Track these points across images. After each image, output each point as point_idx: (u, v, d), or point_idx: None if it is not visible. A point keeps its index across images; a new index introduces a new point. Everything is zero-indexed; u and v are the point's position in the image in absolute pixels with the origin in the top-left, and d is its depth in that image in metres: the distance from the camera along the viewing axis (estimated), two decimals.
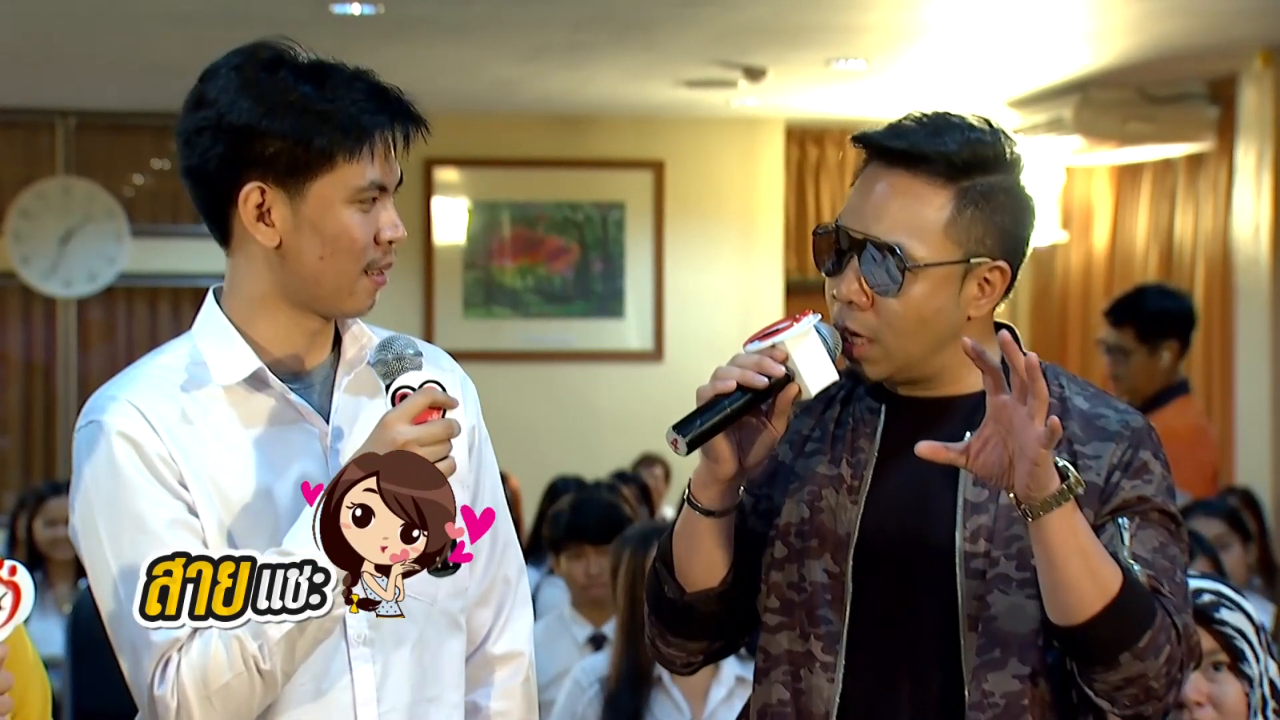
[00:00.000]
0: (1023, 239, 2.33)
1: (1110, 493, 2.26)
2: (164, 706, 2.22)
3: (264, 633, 2.17)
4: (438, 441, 2.16)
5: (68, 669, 5.61)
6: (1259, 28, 7.60)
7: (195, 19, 7.17)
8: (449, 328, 9.65)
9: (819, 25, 7.52)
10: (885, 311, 2.28)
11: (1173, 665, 2.17)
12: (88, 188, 9.54)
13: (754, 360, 2.25)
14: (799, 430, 2.40)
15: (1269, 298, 8.01)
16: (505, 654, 2.48)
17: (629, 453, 9.08)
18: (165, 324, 9.63)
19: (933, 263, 2.26)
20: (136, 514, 2.24)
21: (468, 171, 9.95)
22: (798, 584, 2.33)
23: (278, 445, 2.30)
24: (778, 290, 10.19)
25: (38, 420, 9.74)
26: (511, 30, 7.68)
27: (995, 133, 2.32)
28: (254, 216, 2.27)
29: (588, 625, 5.04)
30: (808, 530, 2.33)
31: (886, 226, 2.27)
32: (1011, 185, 2.31)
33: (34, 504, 6.44)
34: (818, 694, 2.30)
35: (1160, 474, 2.29)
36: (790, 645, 2.33)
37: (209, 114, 2.27)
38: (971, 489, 2.27)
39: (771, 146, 10.16)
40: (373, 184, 2.26)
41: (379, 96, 2.27)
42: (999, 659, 2.22)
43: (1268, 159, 8.03)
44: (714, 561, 2.34)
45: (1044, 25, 7.51)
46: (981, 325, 2.33)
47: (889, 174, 2.30)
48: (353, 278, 2.29)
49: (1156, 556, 2.23)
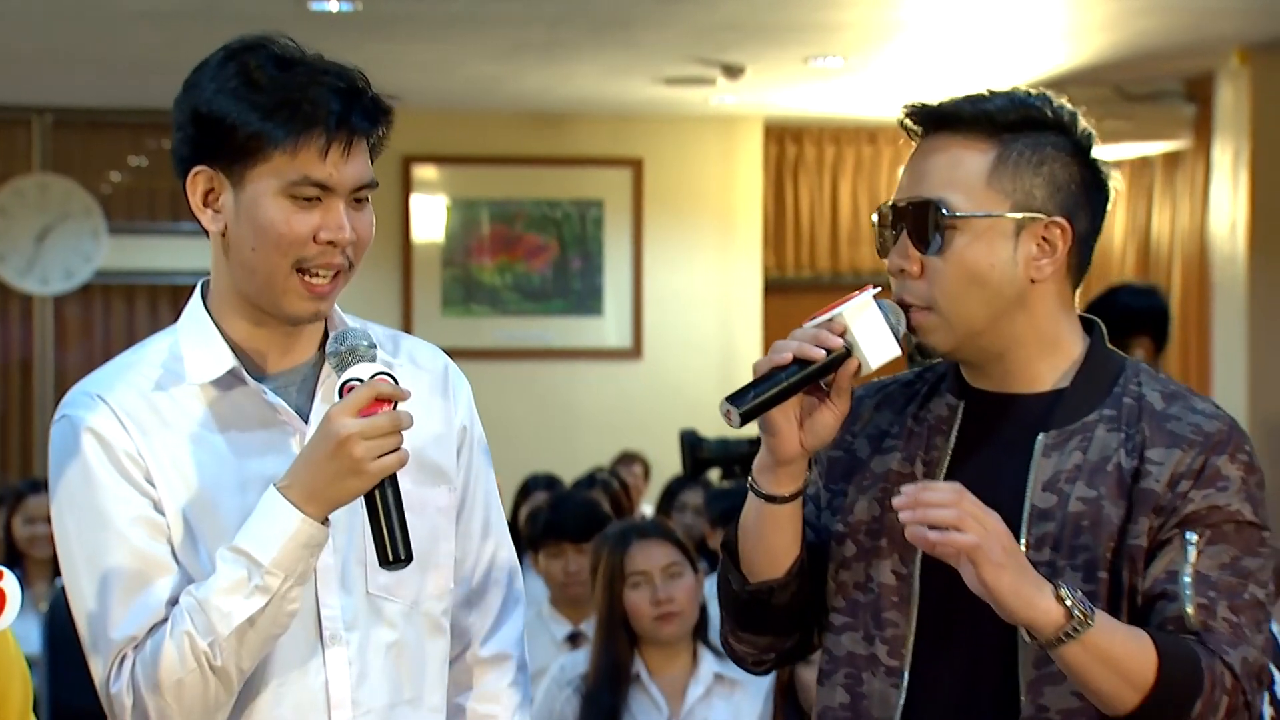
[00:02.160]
0: (1084, 200, 2.25)
1: (1175, 504, 2.15)
2: (120, 704, 2.22)
3: (214, 629, 2.16)
4: (383, 434, 2.12)
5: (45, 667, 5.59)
6: (1235, 26, 7.62)
7: (173, 16, 7.15)
8: (428, 326, 9.64)
9: (797, 23, 7.52)
10: (934, 273, 2.19)
11: (1235, 715, 2.09)
12: (65, 185, 9.51)
13: (811, 333, 2.17)
14: (879, 426, 2.33)
15: (1245, 294, 8.03)
16: (493, 656, 2.46)
17: (608, 450, 9.09)
18: (143, 321, 9.61)
19: (976, 214, 2.19)
20: (101, 510, 2.23)
21: (446, 169, 9.94)
22: (864, 584, 2.26)
23: (251, 445, 2.28)
24: (756, 288, 10.20)
25: (15, 418, 9.71)
26: (490, 27, 7.67)
27: (1047, 98, 2.26)
28: (201, 201, 2.26)
29: (566, 623, 5.04)
30: (878, 529, 2.26)
31: (928, 185, 2.21)
32: (1067, 145, 2.25)
33: (12, 501, 6.43)
34: (880, 700, 2.23)
35: (1239, 480, 2.15)
36: (853, 647, 2.26)
37: (184, 98, 2.26)
38: (1040, 494, 2.18)
39: (750, 144, 10.17)
40: (307, 180, 2.20)
41: (339, 94, 2.22)
42: (1057, 672, 2.13)
43: (1244, 157, 8.05)
44: (778, 551, 2.26)
45: (1021, 23, 7.52)
46: (1055, 293, 2.25)
47: (931, 140, 2.25)
48: (283, 274, 2.23)
49: (1223, 574, 2.12)
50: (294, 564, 2.16)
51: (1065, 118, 2.26)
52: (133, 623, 2.21)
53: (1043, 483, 2.19)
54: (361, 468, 2.13)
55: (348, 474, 2.14)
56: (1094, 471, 2.17)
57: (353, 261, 2.26)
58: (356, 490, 2.16)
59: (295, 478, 2.17)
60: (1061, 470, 2.18)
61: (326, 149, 2.20)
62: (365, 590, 2.31)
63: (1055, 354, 2.25)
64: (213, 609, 2.16)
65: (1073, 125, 2.27)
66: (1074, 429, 2.20)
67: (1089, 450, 2.19)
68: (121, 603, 2.22)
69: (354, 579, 2.30)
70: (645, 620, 4.16)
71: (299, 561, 2.17)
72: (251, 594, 2.16)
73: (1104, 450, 2.18)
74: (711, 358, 9.91)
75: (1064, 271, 2.26)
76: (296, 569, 2.17)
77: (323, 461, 2.14)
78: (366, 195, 2.27)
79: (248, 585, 2.15)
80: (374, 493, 2.16)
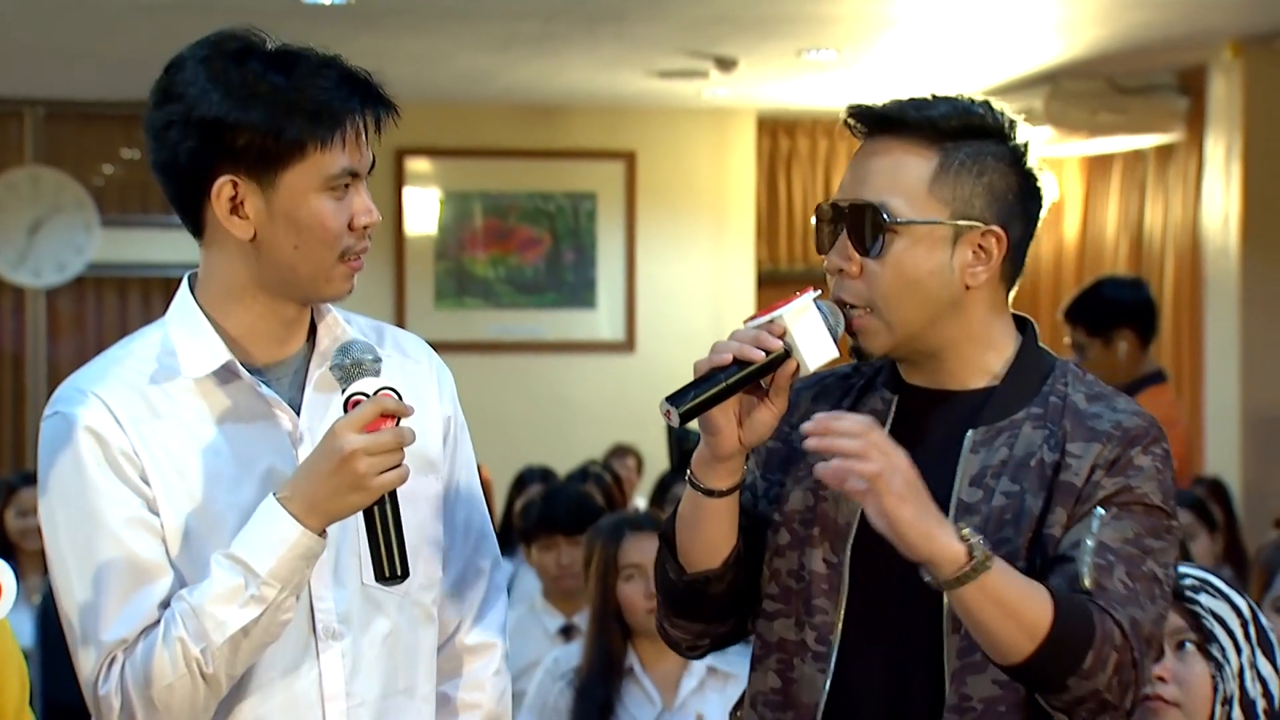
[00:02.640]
0: (1019, 208, 2.29)
1: (1090, 492, 2.21)
2: (107, 706, 2.22)
3: (207, 636, 2.16)
4: (386, 451, 2.14)
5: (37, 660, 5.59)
6: (1228, 18, 7.63)
7: (165, 8, 7.14)
8: (421, 318, 9.64)
9: (790, 16, 7.52)
10: (872, 276, 2.25)
11: (1123, 672, 2.13)
12: (57, 177, 9.49)
13: (751, 334, 2.22)
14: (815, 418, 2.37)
15: (1238, 287, 8.04)
16: (477, 645, 2.46)
17: (601, 443, 9.08)
18: (135, 314, 9.60)
19: (915, 220, 2.24)
20: (95, 511, 2.23)
21: (439, 162, 9.93)
22: (797, 572, 2.31)
23: (246, 439, 2.28)
24: (749, 280, 10.20)
25: (7, 411, 9.70)
26: (483, 20, 7.67)
27: (989, 106, 2.30)
28: (228, 210, 2.25)
29: (559, 616, 5.04)
30: (811, 518, 2.31)
31: (870, 188, 2.26)
32: (1006, 154, 2.29)
33: (5, 494, 6.42)
34: (808, 684, 2.28)
35: (1153, 469, 2.22)
36: (785, 633, 2.31)
37: (177, 108, 2.24)
38: (966, 489, 2.24)
39: (743, 137, 10.17)
40: (344, 171, 2.24)
41: (348, 82, 2.25)
42: (980, 662, 2.20)
43: (1237, 149, 8.06)
44: (715, 542, 2.31)
45: (1014, 16, 7.52)
46: (988, 298, 2.30)
47: (875, 142, 2.30)
48: (329, 265, 2.27)
49: (1125, 546, 2.19)
50: (290, 575, 2.17)
51: (1005, 126, 2.31)
52: (124, 625, 2.21)
53: (970, 478, 2.25)
54: (364, 483, 2.14)
55: (350, 489, 2.15)
56: (1019, 467, 2.24)
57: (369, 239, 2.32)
58: (357, 505, 2.17)
59: (296, 489, 2.17)
60: (988, 466, 2.24)
61: (355, 138, 2.25)
62: (359, 583, 2.31)
63: (987, 354, 2.31)
64: (207, 616, 2.16)
65: (1012, 133, 2.32)
66: (1002, 426, 2.26)
67: (1015, 447, 2.25)
68: (113, 604, 2.21)
69: (348, 571, 2.31)
70: (639, 613, 4.16)
71: (295, 573, 2.17)
72: (247, 603, 2.16)
73: (1029, 447, 2.24)
74: (705, 350, 9.88)
75: (998, 277, 2.31)
76: (293, 580, 2.17)
77: (326, 475, 2.15)
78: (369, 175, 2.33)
79: (244, 594, 2.16)
80: (374, 508, 2.17)
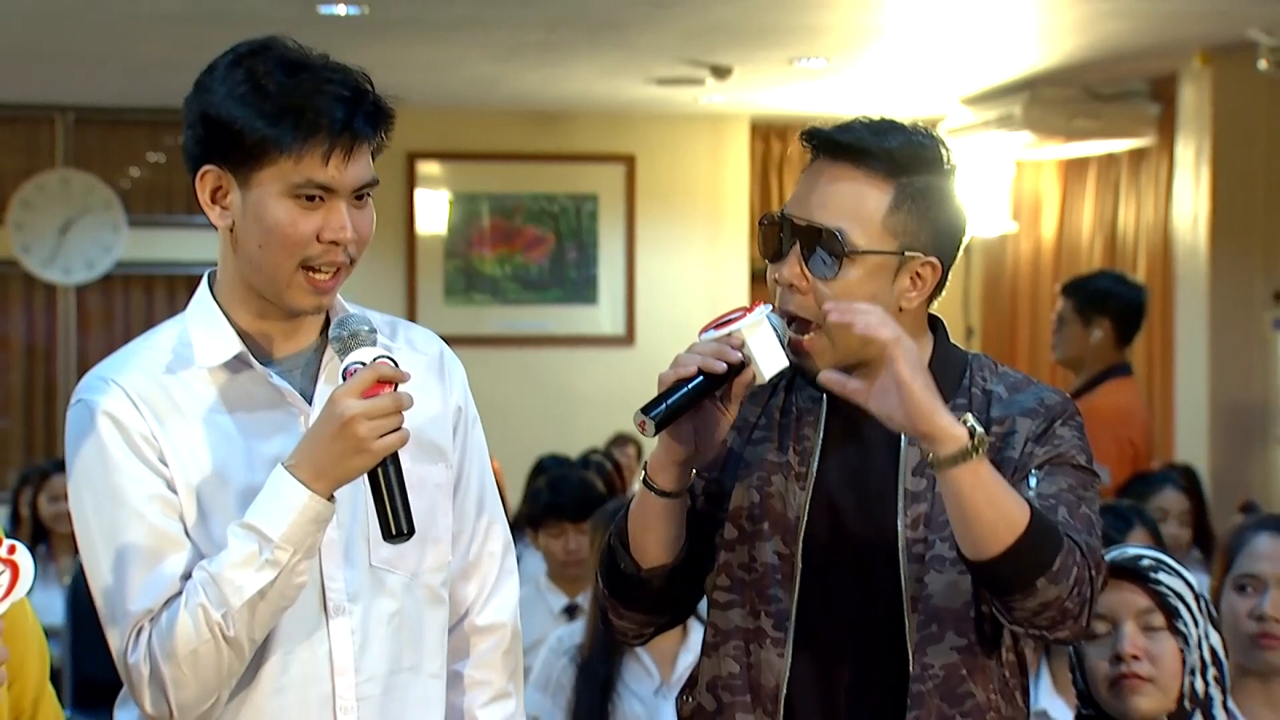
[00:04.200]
0: (955, 239, 2.36)
1: (1024, 462, 2.29)
2: (137, 674, 2.22)
3: (227, 601, 2.16)
4: (385, 414, 2.14)
5: (68, 638, 5.60)
6: (1198, 29, 7.62)
7: (186, 19, 7.13)
8: (431, 314, 9.63)
9: (782, 26, 7.51)
10: (820, 297, 2.28)
11: (1082, 585, 2.18)
12: (86, 180, 9.49)
13: (713, 347, 2.25)
14: (746, 418, 2.40)
15: (1207, 285, 8.03)
16: (488, 625, 2.46)
17: (603, 433, 9.08)
18: (161, 310, 9.59)
19: (871, 250, 2.27)
20: (118, 490, 2.23)
21: (449, 165, 9.92)
22: (748, 564, 2.34)
23: (258, 426, 2.28)
24: (743, 278, 10.19)
25: (39, 402, 9.70)
26: (490, 30, 7.66)
27: (934, 138, 2.34)
28: (209, 199, 2.26)
29: (563, 596, 5.04)
30: (759, 514, 2.34)
31: (830, 213, 2.29)
32: (946, 188, 2.34)
33: (38, 480, 6.43)
34: (768, 668, 2.31)
35: (1072, 440, 2.31)
36: (741, 622, 2.34)
37: (194, 99, 2.26)
38: (911, 479, 2.30)
39: (737, 141, 10.16)
40: (311, 183, 2.20)
41: (344, 99, 2.21)
42: (936, 633, 2.25)
43: (1206, 153, 8.06)
44: (669, 540, 2.34)
45: (995, 26, 7.51)
46: (914, 317, 2.35)
47: (835, 167, 2.32)
48: (288, 271, 2.24)
49: (1063, 493, 2.26)
50: (302, 539, 2.17)
51: (943, 156, 2.34)
52: (148, 596, 2.21)
53: (911, 468, 2.29)
54: (365, 446, 2.14)
55: (352, 453, 2.14)
56: None
57: (354, 258, 2.27)
58: (361, 468, 2.16)
59: (302, 456, 2.17)
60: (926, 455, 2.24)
61: (329, 154, 2.20)
62: (368, 563, 2.31)
63: None
64: (225, 582, 2.16)
65: (948, 162, 2.35)
66: None
67: None
68: (137, 577, 2.22)
69: (357, 553, 2.31)
70: None
71: (307, 536, 2.17)
72: (262, 567, 2.16)
73: None
74: None
75: (926, 299, 2.36)
76: (304, 543, 2.17)
77: (328, 441, 2.15)
78: (368, 193, 2.27)
79: (258, 559, 2.16)
80: (377, 470, 2.17)
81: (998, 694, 2.30)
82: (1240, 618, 3.03)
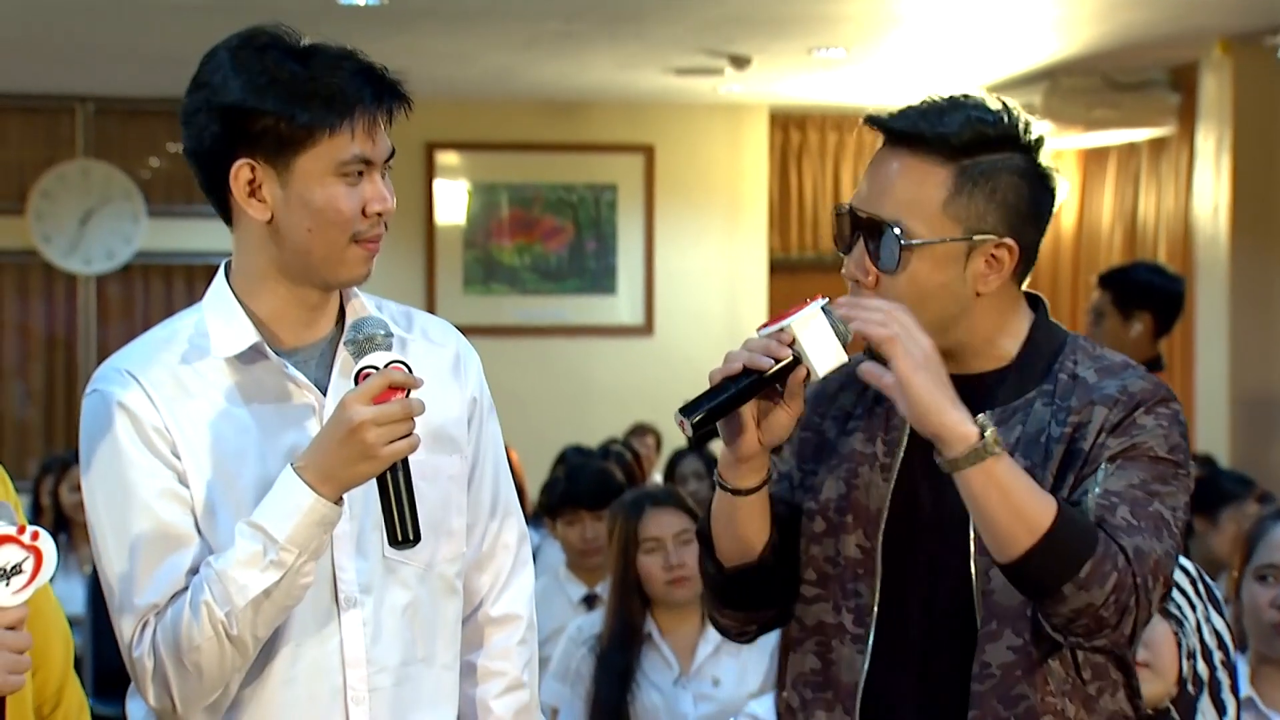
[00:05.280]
0: (1031, 215, 2.26)
1: (1096, 454, 2.19)
2: (142, 668, 2.22)
3: (231, 600, 2.16)
4: (394, 421, 2.13)
5: (89, 627, 5.61)
6: (1218, 17, 7.60)
7: (206, 9, 7.15)
8: (450, 304, 9.64)
9: (801, 15, 7.50)
10: (888, 289, 2.22)
11: (1121, 593, 2.08)
12: (106, 170, 9.52)
13: (761, 344, 2.19)
14: (843, 407, 2.35)
15: (1227, 274, 8.01)
16: (503, 616, 2.45)
17: (621, 423, 9.08)
18: (180, 300, 9.61)
19: (932, 240, 2.21)
20: (129, 483, 2.23)
21: (467, 155, 9.92)
22: (833, 558, 2.29)
23: (272, 417, 2.28)
24: (762, 268, 10.19)
25: (59, 391, 9.73)
26: (508, 21, 7.66)
27: (1003, 113, 2.25)
28: (245, 192, 2.26)
29: (582, 586, 5.04)
30: (845, 506, 2.29)
31: (888, 206, 2.23)
32: (1019, 164, 2.24)
33: (59, 469, 6.45)
34: (847, 665, 2.27)
35: (1154, 429, 2.19)
36: (823, 616, 2.30)
37: (204, 95, 2.26)
38: None
39: (756, 131, 10.15)
40: (356, 157, 2.23)
41: (363, 74, 2.24)
42: (996, 630, 2.19)
43: (1226, 142, 8.03)
44: (748, 538, 2.29)
45: (1014, 16, 7.50)
46: (999, 299, 2.27)
47: (894, 155, 2.26)
48: (341, 248, 2.25)
49: (1130, 489, 2.15)
50: (307, 541, 2.17)
51: (1016, 130, 2.26)
52: (155, 590, 2.22)
53: None
54: (373, 453, 2.14)
55: (360, 458, 2.14)
56: (1030, 444, 2.22)
57: (387, 226, 2.30)
58: (368, 474, 2.16)
59: (311, 459, 2.17)
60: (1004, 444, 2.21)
61: (367, 128, 2.23)
62: (381, 554, 2.30)
63: (1000, 340, 2.29)
64: (230, 581, 2.16)
65: (1024, 135, 2.27)
66: (1016, 405, 2.25)
67: (1027, 424, 2.23)
68: (146, 571, 2.22)
69: (370, 543, 2.30)
70: (658, 584, 4.16)
71: (312, 539, 2.17)
72: (267, 568, 2.16)
73: (1039, 423, 2.23)
74: (719, 334, 9.89)
75: (1009, 279, 2.28)
76: (310, 545, 2.17)
77: (337, 445, 2.15)
78: (389, 165, 2.30)
79: (263, 560, 2.16)
80: (385, 476, 2.17)
81: (1062, 696, 2.20)
82: (1261, 607, 3.02)
